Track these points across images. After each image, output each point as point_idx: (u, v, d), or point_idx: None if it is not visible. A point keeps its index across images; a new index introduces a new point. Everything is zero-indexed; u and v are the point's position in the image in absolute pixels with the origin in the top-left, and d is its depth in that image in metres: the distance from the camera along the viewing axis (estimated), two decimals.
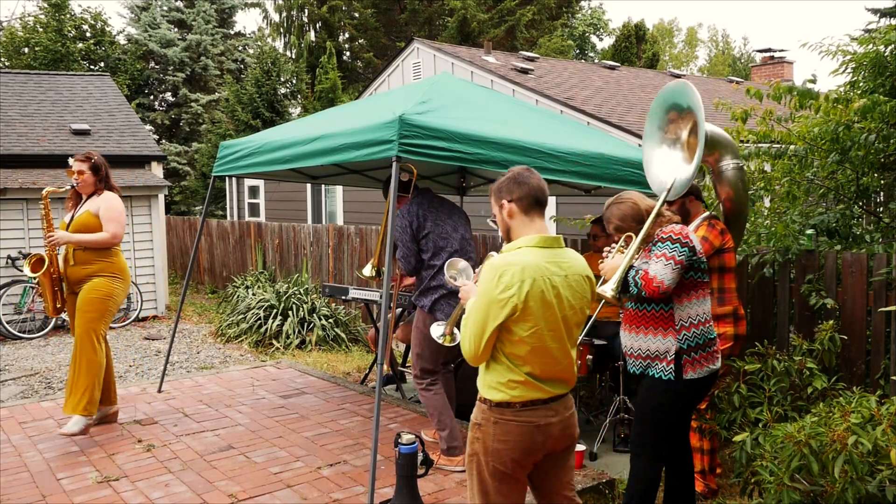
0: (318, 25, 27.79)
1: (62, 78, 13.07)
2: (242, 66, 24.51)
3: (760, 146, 5.52)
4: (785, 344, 4.58)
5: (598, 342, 4.84)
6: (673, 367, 3.17)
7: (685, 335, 3.18)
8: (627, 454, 3.72)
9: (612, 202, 3.42)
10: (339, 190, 13.16)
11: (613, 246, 3.40)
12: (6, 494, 3.89)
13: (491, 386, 2.49)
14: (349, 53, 28.73)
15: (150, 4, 23.19)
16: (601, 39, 36.80)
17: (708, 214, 3.98)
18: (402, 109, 3.84)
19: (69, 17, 21.17)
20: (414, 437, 3.43)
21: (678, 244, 3.15)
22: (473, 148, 3.94)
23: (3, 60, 20.69)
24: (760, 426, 3.56)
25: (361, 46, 27.71)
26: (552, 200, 9.23)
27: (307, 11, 27.62)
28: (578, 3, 31.04)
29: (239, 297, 9.48)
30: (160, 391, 5.89)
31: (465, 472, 2.61)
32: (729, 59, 45.38)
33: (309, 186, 13.74)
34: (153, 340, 8.72)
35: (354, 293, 6.01)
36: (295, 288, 8.70)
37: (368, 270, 5.03)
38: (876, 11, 14.50)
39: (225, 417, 5.23)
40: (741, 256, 4.77)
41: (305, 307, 8.34)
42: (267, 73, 19.08)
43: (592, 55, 34.03)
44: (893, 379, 4.11)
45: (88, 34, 22.09)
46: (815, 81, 5.87)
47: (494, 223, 2.69)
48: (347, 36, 28.08)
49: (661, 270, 3.12)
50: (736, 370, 3.83)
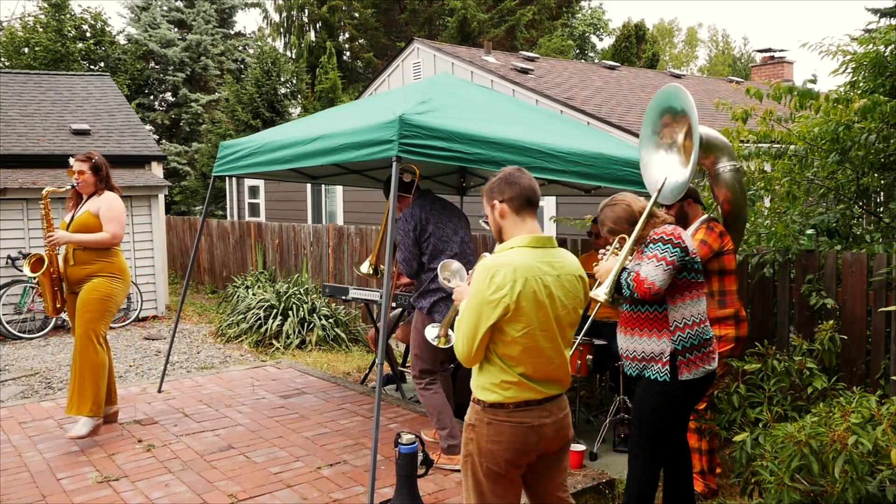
0: (318, 25, 27.80)
1: (62, 78, 13.07)
2: (242, 66, 24.52)
3: (760, 146, 5.52)
4: (785, 344, 4.58)
5: (598, 342, 4.84)
6: (668, 368, 3.16)
7: (679, 336, 3.17)
8: (627, 454, 3.72)
9: (605, 204, 3.40)
10: (339, 190, 13.17)
11: (608, 248, 3.38)
12: (6, 494, 3.89)
13: (484, 387, 2.48)
14: (349, 53, 28.73)
15: (150, 4, 23.20)
16: (601, 39, 36.84)
17: (706, 217, 3.97)
18: (402, 109, 3.84)
19: (69, 17, 21.17)
20: (414, 437, 3.43)
21: (669, 245, 3.13)
22: (473, 148, 3.94)
23: (3, 60, 20.69)
24: (760, 426, 3.56)
25: (361, 46, 27.71)
26: (552, 200, 9.23)
27: (307, 11, 27.63)
28: (578, 3, 31.04)
29: (239, 297, 9.48)
30: (160, 391, 5.90)
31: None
32: (729, 59, 45.38)
33: (309, 186, 13.74)
34: (153, 340, 8.72)
35: (354, 293, 6.02)
36: (295, 288, 8.70)
37: (366, 267, 5.05)
38: (876, 11, 14.51)
39: (225, 417, 5.23)
40: (741, 256, 4.77)
41: (305, 307, 8.34)
42: (267, 73, 19.08)
43: (592, 55, 34.03)
44: (893, 379, 4.11)
45: (88, 34, 22.09)
46: (815, 81, 5.86)
47: (487, 224, 2.68)
48: (347, 36, 28.09)
49: (651, 272, 3.10)
50: (735, 370, 3.83)
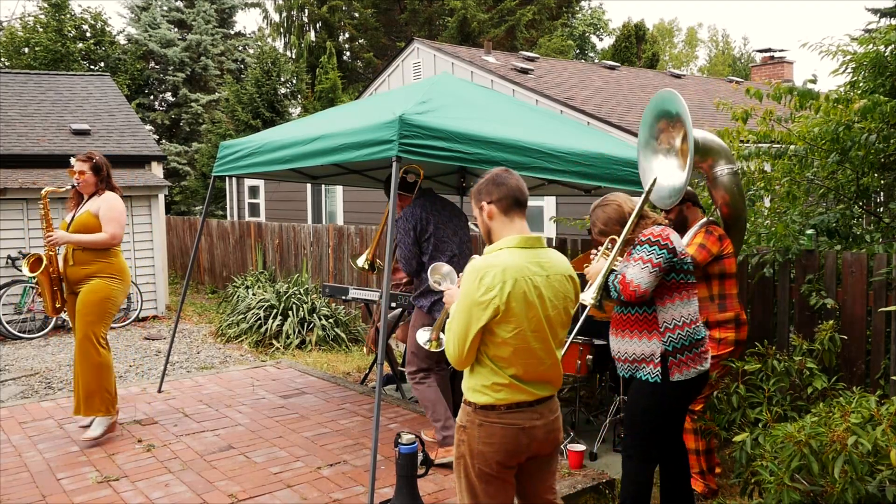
0: (318, 25, 27.80)
1: (62, 78, 13.07)
2: (242, 66, 24.52)
3: (760, 146, 5.52)
4: (785, 344, 4.58)
5: (598, 342, 4.83)
6: (660, 369, 3.14)
7: (670, 337, 3.14)
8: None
9: (596, 205, 3.38)
10: (339, 190, 13.17)
11: (598, 249, 3.36)
12: (6, 494, 3.89)
13: (475, 389, 2.48)
14: (349, 53, 28.73)
15: (150, 4, 23.19)
16: (601, 39, 36.84)
17: (705, 221, 3.97)
18: (402, 109, 3.84)
19: (69, 17, 21.17)
20: (414, 437, 3.43)
21: (656, 247, 3.10)
22: (473, 148, 3.94)
23: (3, 60, 20.69)
24: (760, 426, 3.56)
25: (361, 46, 27.71)
26: (552, 200, 9.23)
27: (307, 11, 27.63)
28: (578, 3, 31.04)
29: (239, 297, 9.48)
30: (160, 391, 5.90)
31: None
32: (729, 59, 45.37)
33: (309, 186, 13.74)
34: (153, 340, 8.72)
35: (354, 293, 6.01)
36: (295, 288, 8.70)
37: (362, 261, 5.07)
38: (876, 11, 14.53)
39: (225, 417, 5.23)
40: (741, 257, 4.77)
41: (305, 307, 8.34)
42: (267, 73, 19.08)
43: (592, 55, 34.04)
44: (893, 379, 4.11)
45: (88, 34, 22.09)
46: (815, 81, 5.86)
47: (476, 226, 2.68)
48: (347, 36, 28.09)
49: (637, 274, 3.08)
50: (735, 370, 3.83)
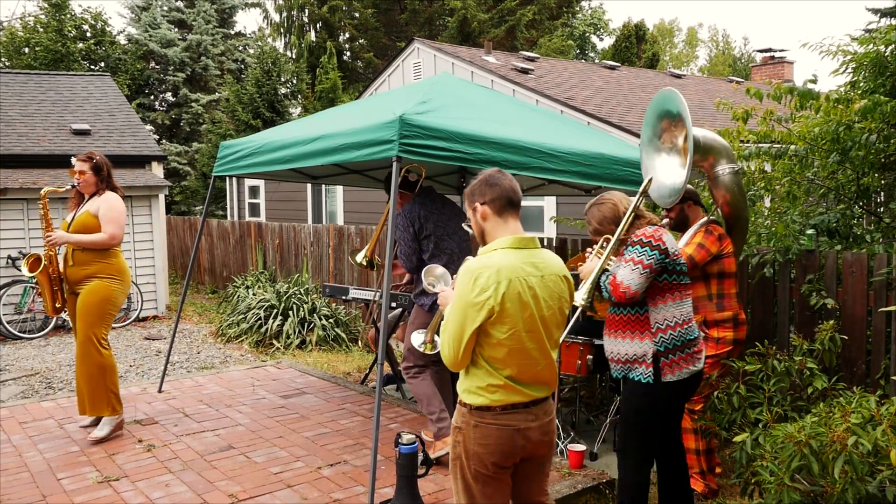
0: (318, 25, 27.79)
1: (62, 78, 13.07)
2: (243, 66, 24.52)
3: (761, 146, 5.52)
4: (785, 344, 4.58)
5: (598, 342, 4.83)
6: (652, 370, 3.12)
7: (661, 337, 3.11)
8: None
9: (592, 203, 3.35)
10: (339, 190, 13.17)
11: (593, 248, 3.34)
12: (6, 494, 3.89)
13: (471, 391, 2.48)
14: (349, 53, 28.72)
15: (150, 4, 23.19)
16: (601, 39, 36.85)
17: (706, 220, 3.97)
18: (402, 109, 3.85)
19: (69, 17, 21.17)
20: (414, 437, 3.43)
21: (647, 248, 3.07)
22: (474, 148, 3.94)
23: (3, 60, 20.70)
24: (760, 426, 3.55)
25: (362, 46, 27.70)
26: (552, 200, 9.23)
27: (307, 11, 27.63)
28: (579, 3, 31.01)
29: (239, 297, 9.48)
30: (160, 391, 5.90)
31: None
32: (729, 59, 45.36)
33: (309, 186, 13.74)
34: (153, 340, 8.72)
35: (355, 293, 6.02)
36: (295, 288, 8.70)
37: (361, 257, 5.09)
38: (876, 11, 14.53)
39: (225, 417, 5.23)
40: (741, 257, 4.77)
41: (306, 307, 8.34)
42: (267, 73, 19.08)
43: (593, 55, 34.04)
44: (894, 379, 4.11)
45: (89, 34, 22.09)
46: (815, 81, 5.86)
47: (469, 227, 2.67)
48: (348, 36, 28.08)
49: (627, 276, 3.06)
50: (736, 371, 3.82)
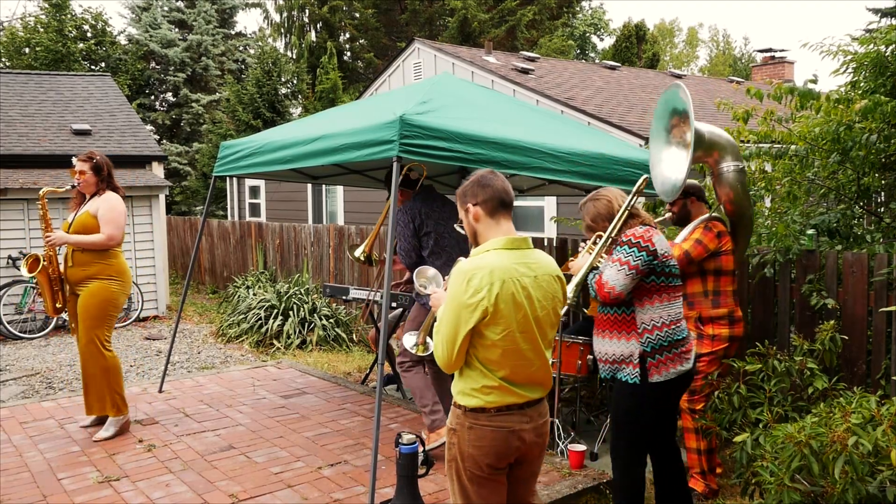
0: (318, 25, 27.79)
1: (63, 78, 13.08)
2: (243, 66, 24.53)
3: (761, 146, 5.51)
4: (786, 344, 4.57)
5: None
6: (638, 370, 3.10)
7: (648, 338, 3.10)
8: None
9: (587, 199, 3.32)
10: (339, 190, 13.17)
11: (584, 245, 3.33)
12: (7, 494, 3.89)
13: (465, 392, 2.47)
14: (350, 53, 28.72)
15: (150, 5, 23.20)
16: (602, 39, 36.85)
17: (707, 216, 3.96)
18: (402, 109, 3.85)
19: (70, 17, 21.18)
20: (415, 437, 3.43)
21: (635, 249, 3.05)
22: (474, 148, 3.94)
23: (3, 60, 20.71)
24: (761, 427, 3.55)
25: (362, 46, 27.70)
26: (552, 200, 9.22)
27: (308, 12, 27.63)
28: (579, 3, 31.01)
29: (240, 297, 9.48)
30: (161, 391, 5.90)
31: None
32: (730, 59, 45.35)
33: (310, 186, 13.74)
34: (154, 340, 8.72)
35: (355, 293, 6.01)
36: (296, 288, 8.70)
37: (359, 252, 5.12)
38: (876, 11, 14.54)
39: (226, 417, 5.23)
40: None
41: (306, 307, 8.34)
42: (268, 73, 19.09)
43: (593, 55, 34.05)
44: (894, 379, 4.11)
45: (89, 34, 22.10)
46: (816, 81, 5.86)
47: (462, 228, 2.66)
48: (348, 36, 28.08)
49: (613, 276, 3.04)
50: (736, 371, 3.82)
